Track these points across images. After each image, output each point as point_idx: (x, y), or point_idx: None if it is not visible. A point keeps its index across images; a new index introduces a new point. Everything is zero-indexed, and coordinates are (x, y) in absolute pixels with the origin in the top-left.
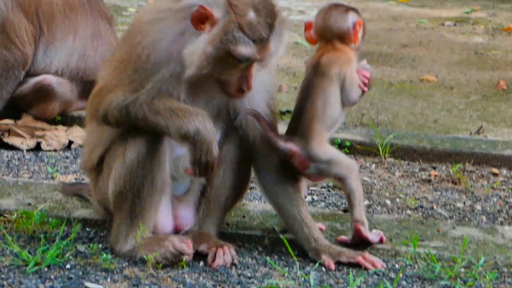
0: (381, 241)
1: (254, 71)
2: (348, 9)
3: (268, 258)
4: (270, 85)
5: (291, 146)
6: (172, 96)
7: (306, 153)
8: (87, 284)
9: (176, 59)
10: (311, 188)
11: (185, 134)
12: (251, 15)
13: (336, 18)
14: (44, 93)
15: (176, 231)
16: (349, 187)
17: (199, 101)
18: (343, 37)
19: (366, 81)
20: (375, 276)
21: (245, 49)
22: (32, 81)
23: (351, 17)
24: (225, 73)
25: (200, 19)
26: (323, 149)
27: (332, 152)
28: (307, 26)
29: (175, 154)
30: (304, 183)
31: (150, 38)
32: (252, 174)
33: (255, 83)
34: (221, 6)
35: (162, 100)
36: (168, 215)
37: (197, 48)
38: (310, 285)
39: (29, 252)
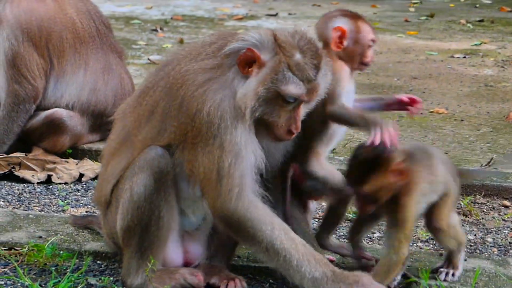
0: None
1: (302, 112)
2: (342, 14)
3: None
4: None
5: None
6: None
7: (303, 168)
8: None
9: (232, 114)
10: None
11: None
12: (298, 56)
13: (321, 23)
14: (55, 127)
15: (187, 265)
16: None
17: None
18: (326, 43)
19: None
20: None
21: (295, 89)
22: (43, 114)
23: (334, 22)
24: (274, 115)
25: (248, 62)
26: (319, 165)
27: (328, 169)
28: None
29: (185, 191)
30: (310, 216)
31: (204, 99)
32: None
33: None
34: (269, 48)
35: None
36: (178, 249)
37: (249, 91)
38: None
39: (40, 285)
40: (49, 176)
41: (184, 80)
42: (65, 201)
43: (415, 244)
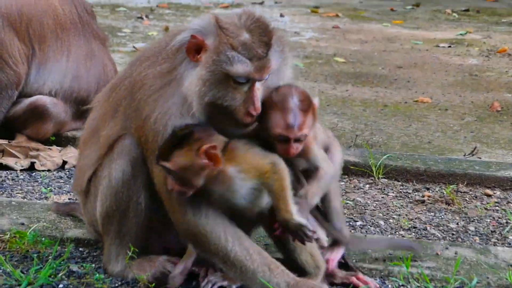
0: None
1: (259, 92)
2: None
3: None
4: None
5: None
6: None
7: None
8: None
9: (181, 114)
10: None
11: None
12: (245, 35)
13: None
14: (38, 114)
15: (166, 251)
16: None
17: None
18: None
19: None
20: None
21: (242, 67)
22: (26, 101)
23: None
24: (228, 98)
25: (195, 49)
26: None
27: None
28: None
29: None
30: None
31: (152, 107)
32: None
33: None
34: (211, 32)
35: None
36: (159, 236)
37: (194, 77)
38: None
39: (22, 272)
40: (32, 163)
41: (142, 84)
42: (48, 188)
43: (397, 233)
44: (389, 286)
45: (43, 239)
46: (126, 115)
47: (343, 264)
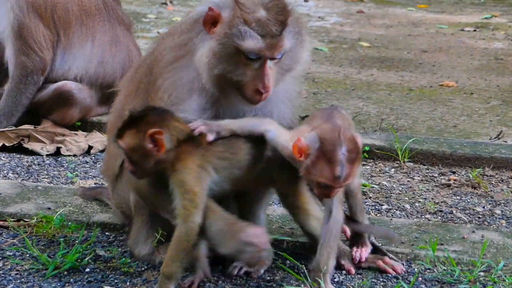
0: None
1: (270, 71)
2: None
3: (287, 263)
4: (295, 94)
5: None
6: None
7: None
8: (104, 287)
9: (196, 86)
10: None
11: None
12: (261, 12)
13: None
14: (64, 99)
15: None
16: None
17: (227, 117)
18: None
19: None
20: (394, 280)
21: (252, 43)
22: (52, 87)
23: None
24: (238, 73)
25: (211, 21)
26: None
27: None
28: None
29: None
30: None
31: (169, 74)
32: None
33: (280, 92)
34: (229, 5)
35: None
36: None
37: (206, 49)
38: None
39: (49, 256)
40: (58, 148)
41: (159, 59)
42: (74, 173)
43: (423, 216)
44: (415, 269)
45: (70, 223)
46: (146, 92)
47: (371, 248)
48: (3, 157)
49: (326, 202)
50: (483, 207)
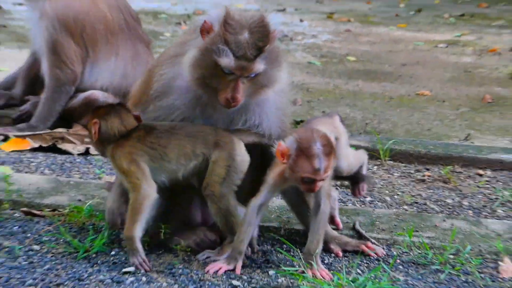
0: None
1: (242, 85)
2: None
3: (284, 247)
4: (282, 104)
5: None
6: (189, 118)
7: None
8: (127, 269)
9: (178, 89)
10: None
11: None
12: (244, 35)
13: None
14: (92, 106)
15: (205, 223)
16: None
17: (215, 118)
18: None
19: None
20: (376, 262)
21: (227, 61)
22: (82, 96)
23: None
24: (214, 81)
25: (205, 31)
26: None
27: None
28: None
29: None
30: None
31: (160, 72)
32: None
33: (266, 103)
34: (219, 22)
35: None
36: (198, 211)
37: (191, 53)
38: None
39: (79, 241)
40: (87, 149)
41: (163, 53)
42: (101, 170)
43: (401, 207)
44: (394, 253)
45: (97, 213)
46: (147, 83)
47: (356, 234)
48: (40, 156)
49: (315, 196)
50: (453, 199)
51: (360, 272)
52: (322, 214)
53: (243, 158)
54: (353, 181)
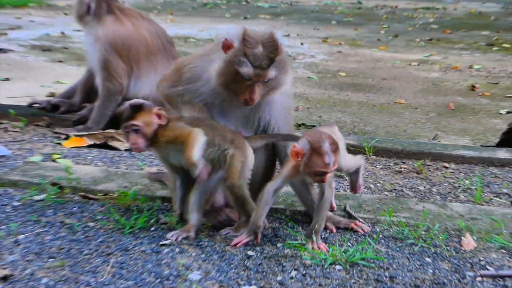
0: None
1: (258, 89)
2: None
3: (289, 225)
4: (286, 104)
5: None
6: (209, 104)
7: None
8: (163, 242)
9: (201, 81)
10: None
11: None
12: (258, 48)
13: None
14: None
15: (227, 205)
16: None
17: (232, 113)
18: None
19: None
20: (363, 236)
21: (247, 70)
22: (128, 103)
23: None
24: (236, 86)
25: (226, 47)
26: None
27: None
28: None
29: None
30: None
31: (191, 65)
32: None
33: (274, 104)
34: (238, 39)
35: (186, 98)
36: (221, 194)
37: (217, 63)
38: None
39: (126, 219)
40: None
41: (194, 53)
42: (143, 162)
43: (383, 193)
44: (378, 229)
45: (140, 197)
46: (175, 80)
47: (347, 214)
48: (94, 151)
49: (320, 186)
50: (424, 187)
51: (350, 245)
52: (326, 200)
53: (251, 157)
54: (352, 180)
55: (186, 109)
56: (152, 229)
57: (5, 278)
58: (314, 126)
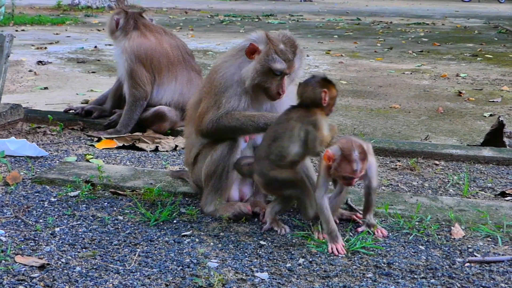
0: None
1: (286, 82)
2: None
3: (296, 216)
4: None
5: None
6: (240, 106)
7: None
8: (185, 233)
9: (238, 82)
10: None
11: (258, 128)
12: (281, 46)
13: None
14: (159, 117)
15: (241, 200)
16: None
17: (255, 108)
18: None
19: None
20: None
21: (280, 65)
22: (152, 109)
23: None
24: (268, 83)
25: (251, 52)
26: None
27: None
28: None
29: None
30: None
31: (221, 73)
32: None
33: (287, 93)
34: (263, 41)
35: (237, 111)
36: (236, 190)
37: (250, 68)
38: (321, 232)
39: (151, 213)
40: (157, 147)
41: (215, 65)
42: (166, 162)
43: (380, 188)
44: (376, 220)
45: (164, 192)
46: (206, 93)
47: (348, 207)
48: (123, 152)
49: (339, 186)
50: (417, 182)
51: (351, 234)
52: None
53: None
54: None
55: (242, 119)
56: (175, 221)
57: (42, 267)
58: None
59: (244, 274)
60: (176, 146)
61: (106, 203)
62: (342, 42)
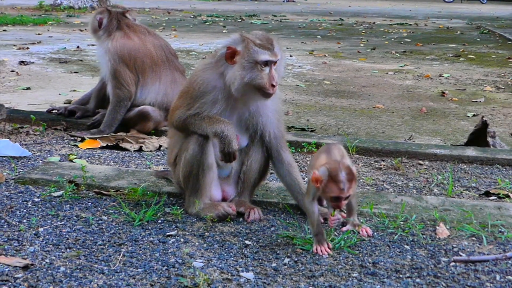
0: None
1: (275, 72)
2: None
3: (281, 216)
4: (278, 108)
5: None
6: (212, 112)
7: None
8: (169, 232)
9: (216, 90)
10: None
11: (215, 133)
12: (258, 40)
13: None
14: (143, 117)
15: (224, 200)
16: None
17: (232, 119)
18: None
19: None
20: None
21: (264, 55)
22: (136, 109)
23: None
24: (258, 78)
25: (231, 56)
26: None
27: None
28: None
29: (217, 154)
30: None
31: (200, 79)
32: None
33: (268, 108)
34: (239, 41)
35: (203, 114)
36: (218, 190)
37: (236, 69)
38: (307, 233)
39: (136, 213)
40: (141, 147)
41: (196, 71)
42: (150, 162)
43: (365, 188)
44: (361, 219)
45: (148, 192)
46: (185, 94)
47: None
48: (107, 152)
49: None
50: (402, 182)
51: (336, 234)
52: (354, 205)
53: None
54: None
55: (206, 124)
56: (159, 221)
57: (26, 267)
58: (303, 128)
59: (229, 274)
60: (160, 146)
61: (90, 203)
62: (325, 42)
